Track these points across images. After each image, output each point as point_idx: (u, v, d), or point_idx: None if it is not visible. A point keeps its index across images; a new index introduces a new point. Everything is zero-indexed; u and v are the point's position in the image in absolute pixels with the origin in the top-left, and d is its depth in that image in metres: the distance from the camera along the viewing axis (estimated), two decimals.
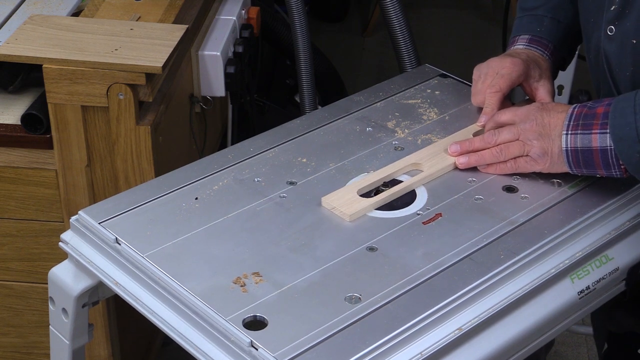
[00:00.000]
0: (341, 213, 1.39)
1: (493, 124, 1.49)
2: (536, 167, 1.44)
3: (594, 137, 1.36)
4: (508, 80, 1.54)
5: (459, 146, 1.50)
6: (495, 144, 1.46)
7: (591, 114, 1.37)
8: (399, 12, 2.36)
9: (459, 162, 1.49)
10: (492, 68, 1.57)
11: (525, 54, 1.58)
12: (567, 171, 1.42)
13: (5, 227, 1.95)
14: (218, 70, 2.18)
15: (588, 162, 1.38)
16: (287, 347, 1.17)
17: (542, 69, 1.58)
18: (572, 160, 1.39)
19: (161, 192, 1.45)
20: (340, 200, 1.41)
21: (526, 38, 1.62)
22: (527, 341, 1.31)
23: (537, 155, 1.42)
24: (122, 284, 1.34)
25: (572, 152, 1.39)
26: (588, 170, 1.40)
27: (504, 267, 1.30)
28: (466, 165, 1.48)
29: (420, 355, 1.20)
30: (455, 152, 1.50)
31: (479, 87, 1.59)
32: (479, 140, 1.49)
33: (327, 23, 4.18)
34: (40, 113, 1.83)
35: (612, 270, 1.40)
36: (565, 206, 1.41)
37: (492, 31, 4.11)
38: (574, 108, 1.40)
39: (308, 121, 1.63)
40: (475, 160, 1.48)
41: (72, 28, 1.88)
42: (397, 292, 1.26)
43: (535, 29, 1.61)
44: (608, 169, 1.37)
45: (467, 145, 1.49)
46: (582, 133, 1.37)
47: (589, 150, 1.37)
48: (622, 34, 1.39)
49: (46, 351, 2.02)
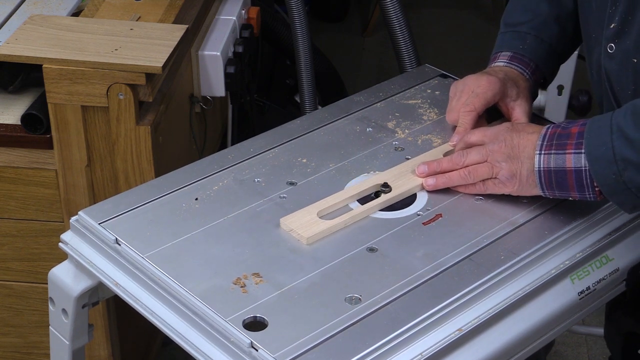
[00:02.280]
0: (298, 235, 1.35)
1: (463, 144, 1.46)
2: (505, 189, 1.40)
3: (568, 157, 1.32)
4: (483, 99, 1.51)
5: (426, 167, 1.45)
6: (463, 165, 1.42)
7: (565, 134, 1.33)
8: (399, 12, 2.36)
9: (427, 184, 1.44)
10: (468, 86, 1.53)
11: (504, 72, 1.54)
12: (537, 194, 1.37)
13: (5, 227, 1.95)
14: (218, 70, 2.18)
15: (561, 184, 1.34)
16: (287, 348, 1.17)
17: (519, 88, 1.54)
18: (545, 182, 1.35)
19: (161, 193, 1.45)
20: (298, 222, 1.37)
21: (508, 55, 1.58)
22: (527, 342, 1.31)
23: (505, 177, 1.38)
24: (122, 284, 1.34)
25: (545, 173, 1.34)
26: (560, 193, 1.35)
27: (504, 268, 1.30)
28: (433, 187, 1.44)
29: (420, 356, 1.20)
30: (422, 173, 1.45)
31: (453, 104, 1.55)
32: (447, 161, 1.44)
33: (327, 23, 4.18)
34: (40, 113, 1.83)
35: (613, 270, 1.40)
36: (566, 207, 1.41)
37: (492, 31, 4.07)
38: (548, 128, 1.36)
39: (308, 121, 1.63)
40: (443, 183, 1.44)
41: (72, 28, 1.88)
42: (397, 292, 1.26)
43: (518, 46, 1.57)
44: (582, 191, 1.33)
45: (435, 166, 1.45)
46: (555, 153, 1.33)
47: (563, 170, 1.32)
48: (622, 52, 1.36)
49: (46, 351, 2.02)
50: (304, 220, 1.37)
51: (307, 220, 1.37)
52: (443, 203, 1.43)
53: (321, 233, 1.35)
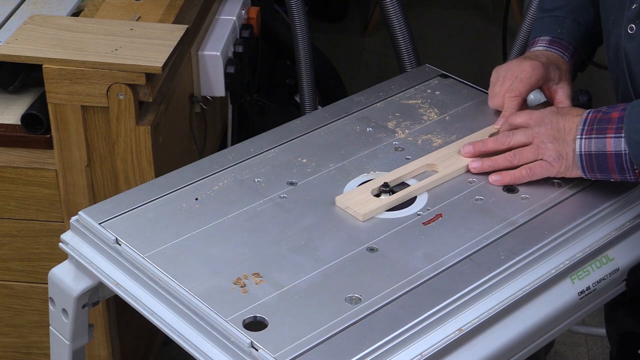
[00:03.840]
0: (355, 212, 1.39)
1: (508, 126, 1.49)
2: (552, 170, 1.42)
3: (608, 141, 1.36)
4: (527, 84, 1.54)
5: (472, 147, 1.49)
6: (509, 145, 1.45)
7: (606, 119, 1.37)
8: (399, 12, 2.36)
9: (472, 167, 1.48)
10: (511, 71, 1.56)
11: (545, 56, 1.57)
12: (580, 176, 1.41)
13: (5, 227, 1.95)
14: (218, 70, 2.17)
15: (602, 167, 1.38)
16: (288, 347, 1.17)
17: (561, 72, 1.57)
18: (586, 165, 1.39)
19: (161, 193, 1.45)
20: (353, 200, 1.41)
21: (546, 39, 1.61)
22: (527, 342, 1.31)
23: (552, 158, 1.41)
24: (122, 284, 1.34)
25: (586, 157, 1.38)
26: (602, 175, 1.39)
27: (504, 268, 1.30)
28: (479, 170, 1.47)
29: (420, 356, 1.20)
30: (468, 153, 1.49)
31: (496, 90, 1.58)
32: (493, 141, 1.48)
33: (327, 23, 4.18)
34: (40, 113, 1.83)
35: (613, 270, 1.40)
36: (566, 207, 1.41)
37: (492, 31, 4.11)
38: (588, 113, 1.39)
39: (308, 121, 1.63)
40: (489, 166, 1.46)
41: (72, 28, 1.88)
42: (398, 292, 1.26)
43: (556, 30, 1.60)
44: (622, 173, 1.37)
45: (481, 145, 1.48)
46: (596, 137, 1.37)
47: (603, 154, 1.36)
48: None
49: (46, 351, 2.02)
50: (359, 198, 1.41)
51: (362, 198, 1.41)
52: (443, 203, 1.43)
53: (376, 210, 1.40)
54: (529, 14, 2.36)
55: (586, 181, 1.45)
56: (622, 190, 1.44)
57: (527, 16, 2.37)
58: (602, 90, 3.47)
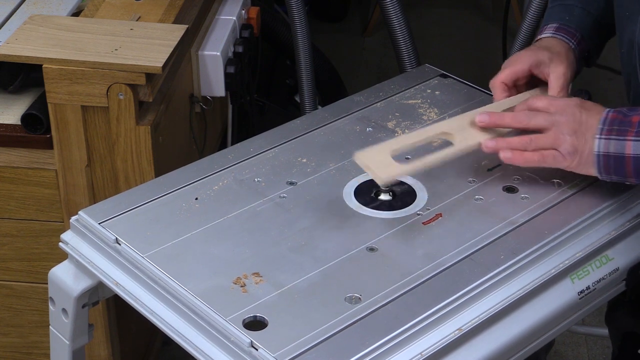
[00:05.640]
0: (374, 175, 1.38)
1: (526, 106, 1.44)
2: (563, 163, 1.39)
3: (628, 144, 1.34)
4: (510, 72, 1.52)
5: (488, 117, 1.44)
6: (527, 125, 1.41)
7: (627, 122, 1.35)
8: (399, 12, 2.36)
9: (486, 146, 1.43)
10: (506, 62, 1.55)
11: (541, 42, 1.56)
12: (593, 174, 1.38)
13: (5, 227, 1.95)
14: (218, 70, 2.18)
15: (619, 169, 1.36)
16: (287, 347, 1.17)
17: (552, 53, 1.53)
18: (603, 166, 1.37)
19: (161, 192, 1.45)
20: (373, 160, 1.38)
21: (554, 26, 1.59)
22: (527, 341, 1.31)
23: (567, 151, 1.38)
24: (122, 284, 1.34)
25: (604, 158, 1.36)
26: (618, 177, 1.37)
27: (504, 268, 1.30)
28: (492, 150, 1.42)
29: (420, 356, 1.20)
30: (483, 122, 1.44)
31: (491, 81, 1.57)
32: (511, 117, 1.43)
33: (327, 23, 4.18)
34: (40, 113, 1.83)
35: (613, 270, 1.40)
36: (566, 206, 1.41)
37: (492, 31, 4.10)
38: (608, 112, 1.37)
39: (308, 121, 1.63)
40: (504, 146, 1.42)
41: (72, 28, 1.88)
42: (397, 292, 1.26)
43: (564, 17, 1.59)
44: (639, 177, 1.36)
45: (497, 118, 1.44)
46: (616, 139, 1.35)
47: (622, 157, 1.35)
48: None
49: (46, 351, 2.02)
50: (378, 159, 1.38)
51: (381, 160, 1.38)
52: (443, 203, 1.43)
53: (396, 176, 1.39)
54: (529, 14, 2.36)
55: (586, 181, 1.45)
56: (622, 190, 1.44)
57: (527, 16, 2.36)
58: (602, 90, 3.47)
